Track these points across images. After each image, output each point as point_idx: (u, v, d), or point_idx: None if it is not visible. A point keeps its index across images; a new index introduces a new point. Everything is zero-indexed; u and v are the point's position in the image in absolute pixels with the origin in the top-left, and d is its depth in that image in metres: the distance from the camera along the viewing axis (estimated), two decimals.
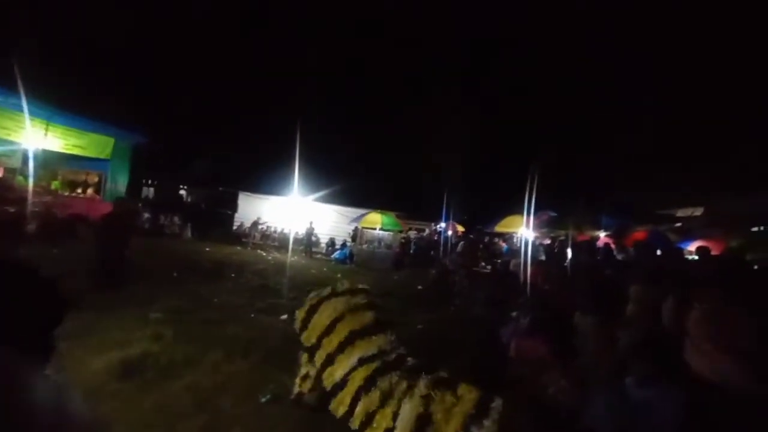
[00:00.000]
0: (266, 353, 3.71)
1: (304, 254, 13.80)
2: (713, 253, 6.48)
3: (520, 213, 10.27)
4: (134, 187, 13.86)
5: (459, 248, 13.13)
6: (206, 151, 17.97)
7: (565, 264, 7.45)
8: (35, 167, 8.25)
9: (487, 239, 13.56)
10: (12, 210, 6.89)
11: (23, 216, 6.87)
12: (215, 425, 2.62)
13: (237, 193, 17.09)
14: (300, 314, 2.90)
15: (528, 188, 7.90)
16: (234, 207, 16.97)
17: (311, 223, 14.94)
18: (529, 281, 6.39)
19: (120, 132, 10.83)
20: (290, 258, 8.38)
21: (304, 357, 2.94)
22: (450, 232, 15.06)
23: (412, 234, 16.98)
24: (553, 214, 11.22)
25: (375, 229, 14.16)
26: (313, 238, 15.09)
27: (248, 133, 19.66)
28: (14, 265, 0.59)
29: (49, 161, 9.55)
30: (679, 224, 10.29)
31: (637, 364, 3.31)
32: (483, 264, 10.52)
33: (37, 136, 8.26)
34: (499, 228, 11.18)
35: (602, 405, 2.81)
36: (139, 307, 4.68)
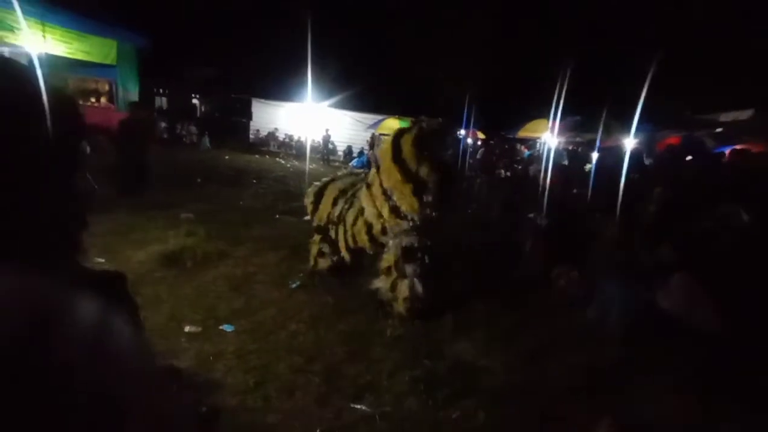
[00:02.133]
0: (292, 249, 3.96)
1: (321, 162, 13.84)
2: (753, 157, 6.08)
3: (545, 118, 9.70)
4: (146, 96, 13.52)
5: (479, 155, 12.85)
6: (215, 57, 16.94)
7: (586, 168, 7.25)
8: (43, 74, 8.02)
9: (507, 145, 13.12)
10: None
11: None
12: (251, 305, 2.93)
13: (250, 100, 16.56)
14: (309, 197, 3.48)
15: (555, 91, 7.32)
16: (248, 115, 16.62)
17: (327, 130, 14.64)
18: (548, 185, 6.32)
19: (122, 34, 10.22)
20: (308, 166, 8.41)
21: (316, 238, 3.48)
22: (470, 139, 14.57)
23: None
24: (577, 118, 10.57)
25: None
26: (330, 146, 14.95)
27: (258, 37, 18.13)
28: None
29: (56, 67, 9.25)
30: (720, 129, 9.55)
31: (649, 260, 3.41)
32: (503, 170, 10.34)
33: (37, 39, 7.85)
34: (522, 133, 10.69)
35: (611, 294, 2.98)
36: (170, 210, 4.93)
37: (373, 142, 15.32)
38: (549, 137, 9.29)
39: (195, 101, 17.87)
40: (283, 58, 14.32)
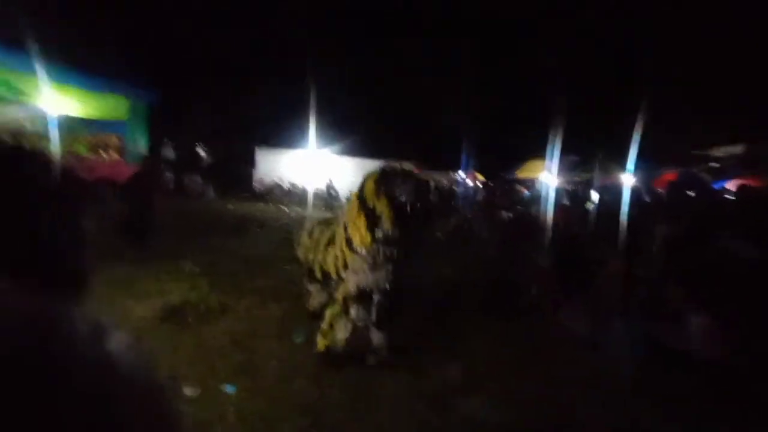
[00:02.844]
0: (295, 299, 3.88)
1: (325, 209, 13.99)
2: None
3: (543, 157, 9.95)
4: (154, 147, 14.00)
5: (479, 195, 13.02)
6: (221, 106, 17.75)
7: (587, 207, 7.29)
8: (58, 131, 8.41)
9: (507, 186, 13.32)
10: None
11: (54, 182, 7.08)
12: (254, 362, 2.82)
13: (254, 148, 17.08)
14: (297, 239, 3.78)
15: (551, 132, 7.56)
16: (252, 163, 17.05)
17: (330, 179, 14.98)
18: (550, 224, 6.34)
19: (133, 91, 10.79)
20: (312, 213, 8.49)
21: (305, 280, 3.61)
22: (469, 181, 14.85)
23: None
24: (576, 157, 10.78)
25: None
26: (333, 193, 15.18)
27: (262, 87, 19.10)
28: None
29: (71, 125, 9.69)
30: (714, 164, 9.74)
31: (655, 299, 3.33)
32: (503, 211, 10.41)
33: (55, 99, 8.27)
34: (521, 174, 10.86)
35: (617, 332, 2.88)
36: (173, 261, 4.91)
37: None
38: (548, 177, 9.46)
39: (200, 151, 18.42)
40: (288, 107, 14.98)
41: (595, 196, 7.56)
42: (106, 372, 0.26)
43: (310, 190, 13.47)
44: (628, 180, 8.80)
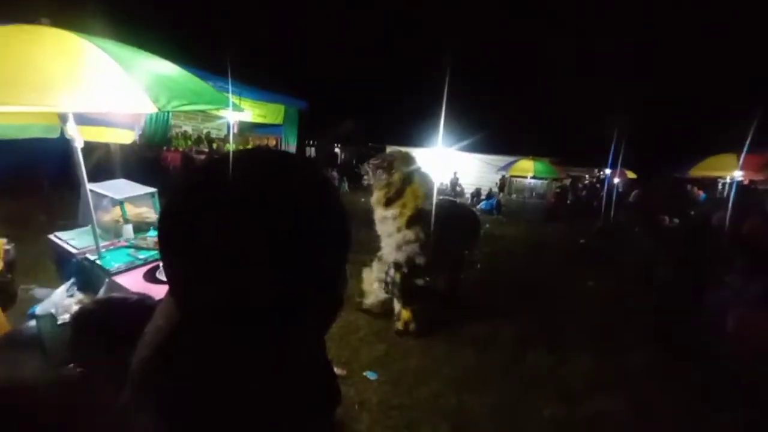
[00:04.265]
0: None
1: None
2: None
3: (734, 152, 7.87)
4: (300, 147, 16.04)
5: (632, 197, 11.11)
6: (357, 111, 19.37)
7: None
8: (234, 135, 10.36)
9: (676, 186, 10.97)
10: None
11: None
12: (392, 354, 2.90)
13: (384, 147, 18.03)
14: None
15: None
16: None
17: (455, 173, 14.76)
18: (747, 237, 4.93)
19: (288, 100, 12.55)
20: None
21: None
22: (617, 179, 12.79)
23: (569, 182, 15.10)
24: None
25: (526, 177, 13.01)
26: (458, 188, 14.94)
27: (394, 88, 20.13)
28: None
29: (243, 129, 11.81)
30: None
31: None
32: (667, 217, 8.60)
33: (235, 111, 10.16)
34: (698, 171, 8.70)
35: None
36: None
37: (503, 185, 14.75)
38: (741, 175, 7.46)
39: (337, 150, 20.42)
40: (416, 107, 15.37)
41: None
42: None
43: (434, 185, 13.47)
44: None
